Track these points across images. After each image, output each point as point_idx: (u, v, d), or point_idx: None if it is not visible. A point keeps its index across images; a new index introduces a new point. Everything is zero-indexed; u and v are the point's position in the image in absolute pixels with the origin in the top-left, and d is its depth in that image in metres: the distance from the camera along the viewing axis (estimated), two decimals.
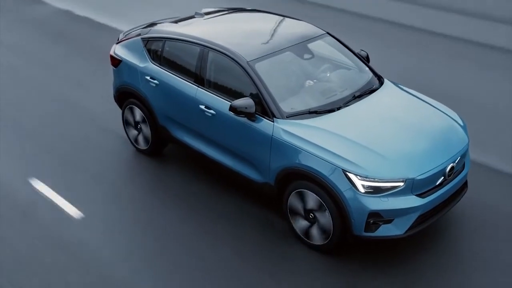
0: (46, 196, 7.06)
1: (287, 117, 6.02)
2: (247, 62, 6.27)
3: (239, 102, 6.04)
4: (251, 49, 6.43)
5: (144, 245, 6.27)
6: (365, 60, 7.08)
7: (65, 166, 7.66)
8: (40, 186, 7.25)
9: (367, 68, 6.89)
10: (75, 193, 7.11)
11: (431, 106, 6.44)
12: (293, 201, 6.04)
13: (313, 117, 6.03)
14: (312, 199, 5.84)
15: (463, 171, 6.13)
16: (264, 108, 6.10)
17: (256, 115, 6.12)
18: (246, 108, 6.03)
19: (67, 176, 7.44)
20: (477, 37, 11.36)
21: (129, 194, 7.13)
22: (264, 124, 6.07)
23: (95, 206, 6.88)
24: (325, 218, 5.80)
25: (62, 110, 9.06)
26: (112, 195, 7.09)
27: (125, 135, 8.00)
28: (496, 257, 5.98)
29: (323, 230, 5.88)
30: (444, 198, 5.90)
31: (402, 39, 11.45)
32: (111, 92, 8.49)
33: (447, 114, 6.35)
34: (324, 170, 5.63)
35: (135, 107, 7.55)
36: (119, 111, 8.19)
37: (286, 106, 6.10)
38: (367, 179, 5.49)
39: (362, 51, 7.18)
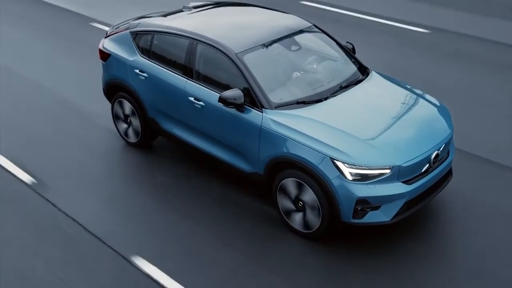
0: (34, 189, 7.12)
1: (275, 107, 6.12)
2: (236, 54, 6.36)
3: (228, 93, 6.14)
4: (240, 41, 6.52)
5: (134, 236, 6.35)
6: (351, 52, 7.21)
7: (54, 159, 7.71)
8: (28, 178, 7.32)
9: (353, 60, 7.01)
10: (63, 186, 7.18)
11: (416, 95, 6.58)
12: (283, 189, 6.15)
13: (301, 107, 6.15)
14: (301, 188, 5.95)
15: (448, 159, 6.28)
16: (252, 99, 6.20)
17: (245, 106, 6.22)
18: (235, 99, 6.12)
19: (56, 169, 7.50)
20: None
21: (119, 187, 7.20)
22: (253, 115, 6.18)
23: (81, 199, 6.95)
24: (314, 206, 5.92)
25: (51, 103, 9.10)
26: (101, 188, 7.15)
27: (115, 128, 8.07)
28: (479, 245, 6.14)
29: (312, 217, 6.00)
30: (430, 185, 6.04)
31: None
32: (100, 86, 8.54)
33: (431, 103, 6.50)
34: (312, 159, 5.75)
35: (125, 100, 7.62)
36: (108, 104, 8.25)
37: (275, 97, 6.21)
38: (355, 166, 5.62)
39: (348, 43, 7.30)
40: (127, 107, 7.62)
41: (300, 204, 6.06)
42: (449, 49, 10.72)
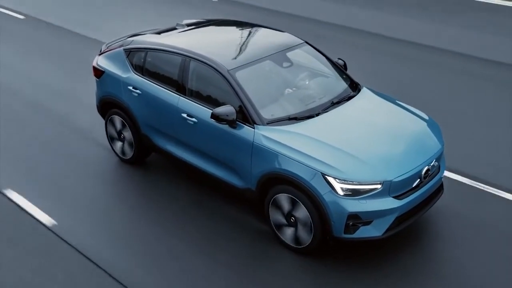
0: (23, 208, 7.08)
1: (267, 123, 6.17)
2: (228, 70, 6.42)
3: (220, 110, 6.19)
4: (232, 58, 6.59)
5: (127, 251, 6.36)
6: (343, 68, 7.28)
7: (46, 176, 7.72)
8: (16, 197, 7.27)
9: (344, 76, 7.08)
10: (56, 204, 7.18)
11: (407, 111, 6.64)
12: (275, 205, 6.17)
13: (292, 123, 6.19)
14: (292, 203, 5.98)
15: (439, 174, 6.32)
16: (244, 115, 6.25)
17: (237, 122, 6.27)
18: (227, 115, 6.17)
19: (47, 187, 7.51)
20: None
21: (112, 203, 7.21)
22: (245, 131, 6.22)
23: (76, 216, 6.95)
24: (306, 221, 5.94)
25: (43, 121, 9.13)
26: (95, 204, 7.16)
27: (108, 145, 8.09)
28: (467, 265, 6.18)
29: (305, 233, 6.02)
30: (421, 200, 6.08)
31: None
32: (93, 103, 8.58)
33: (422, 118, 6.56)
34: (304, 174, 5.78)
35: (118, 117, 7.66)
36: (102, 121, 8.29)
37: (266, 113, 6.26)
38: (346, 182, 5.65)
39: (340, 60, 7.38)
40: (121, 123, 7.66)
41: (292, 219, 6.08)
42: (449, 68, 10.83)
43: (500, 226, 6.58)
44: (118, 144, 7.89)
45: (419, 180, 5.98)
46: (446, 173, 7.16)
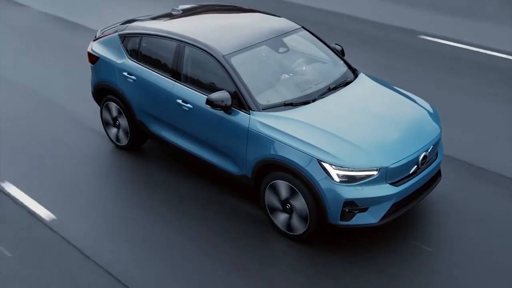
0: (19, 201, 6.95)
1: (263, 109, 6.10)
2: (223, 56, 6.34)
3: (216, 96, 6.12)
4: (227, 43, 6.50)
5: (123, 238, 6.33)
6: (340, 53, 7.20)
7: (42, 166, 7.66)
8: (13, 189, 7.16)
9: (341, 62, 7.00)
10: (54, 193, 7.13)
11: (404, 97, 6.56)
12: (270, 192, 6.12)
13: (288, 109, 6.12)
14: (288, 190, 5.93)
15: (436, 160, 6.26)
16: (240, 101, 6.18)
17: (233, 108, 6.20)
18: (222, 101, 6.10)
19: (43, 177, 7.44)
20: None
21: (108, 190, 7.16)
22: (241, 117, 6.15)
23: (71, 206, 6.91)
24: (301, 208, 5.89)
25: (37, 108, 9.07)
26: (91, 192, 7.11)
27: (104, 131, 8.03)
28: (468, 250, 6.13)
29: (300, 220, 5.97)
30: (418, 187, 6.02)
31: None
32: (88, 89, 8.52)
33: (419, 105, 6.48)
34: (299, 161, 5.72)
35: (113, 103, 7.59)
36: (97, 107, 8.22)
37: (262, 99, 6.18)
38: (342, 168, 5.59)
39: (337, 45, 7.29)
40: (116, 110, 7.60)
41: (288, 206, 6.03)
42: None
43: (500, 214, 6.52)
44: (113, 130, 7.82)
45: (416, 166, 5.92)
46: (445, 160, 7.12)
